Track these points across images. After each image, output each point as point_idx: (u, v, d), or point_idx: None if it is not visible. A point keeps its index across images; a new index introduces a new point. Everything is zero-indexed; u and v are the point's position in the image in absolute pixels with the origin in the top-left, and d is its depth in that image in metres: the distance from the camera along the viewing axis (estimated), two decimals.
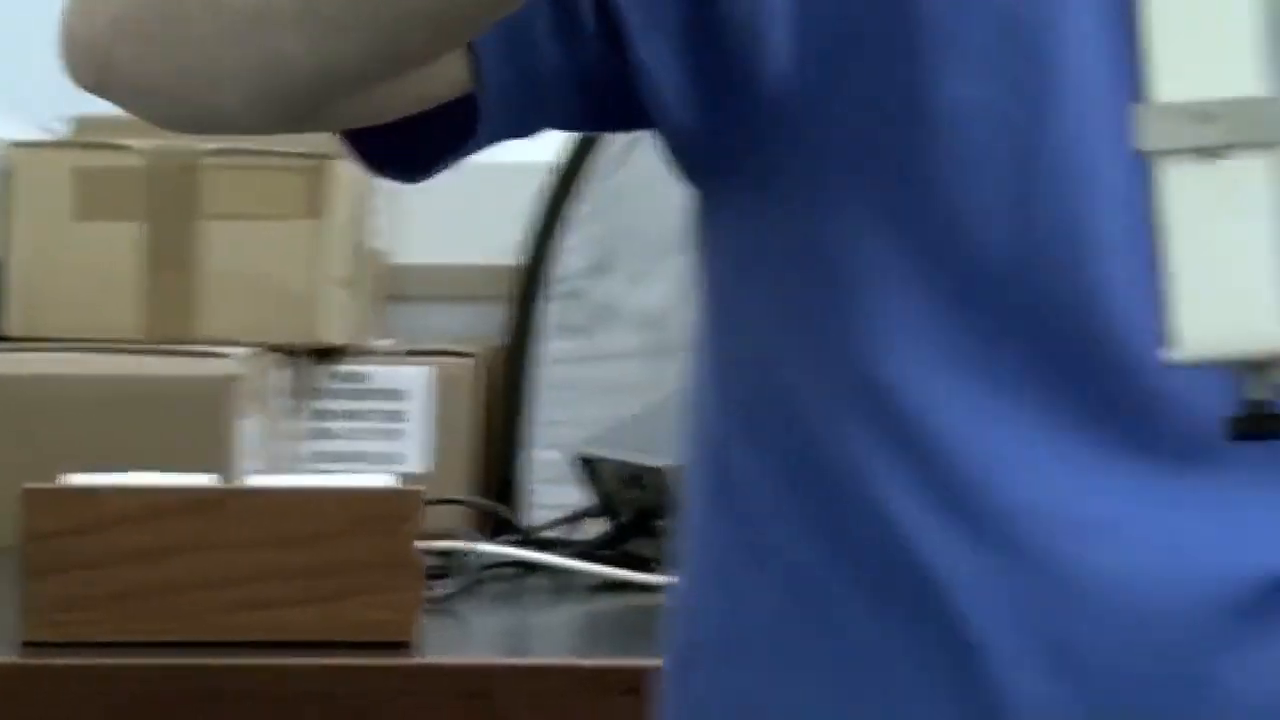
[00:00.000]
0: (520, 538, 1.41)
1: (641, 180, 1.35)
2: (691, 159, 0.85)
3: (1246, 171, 0.56)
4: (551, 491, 1.50)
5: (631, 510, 1.29)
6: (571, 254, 1.47)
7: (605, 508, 1.43)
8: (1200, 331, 0.56)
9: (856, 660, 0.81)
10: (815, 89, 0.79)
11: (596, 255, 1.48)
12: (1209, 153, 0.56)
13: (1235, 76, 0.57)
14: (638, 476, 1.33)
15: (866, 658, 0.81)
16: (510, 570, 1.36)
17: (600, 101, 0.79)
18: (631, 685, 0.95)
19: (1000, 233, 0.80)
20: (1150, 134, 0.56)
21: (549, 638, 1.34)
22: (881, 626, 0.80)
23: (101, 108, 0.77)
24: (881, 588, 0.80)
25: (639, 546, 1.26)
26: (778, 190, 0.83)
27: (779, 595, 0.83)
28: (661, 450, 1.19)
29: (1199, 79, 0.57)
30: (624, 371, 1.47)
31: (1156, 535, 0.77)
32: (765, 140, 0.81)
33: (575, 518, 1.43)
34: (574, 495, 1.44)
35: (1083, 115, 0.81)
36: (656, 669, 0.87)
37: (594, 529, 1.42)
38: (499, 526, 1.43)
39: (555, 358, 1.53)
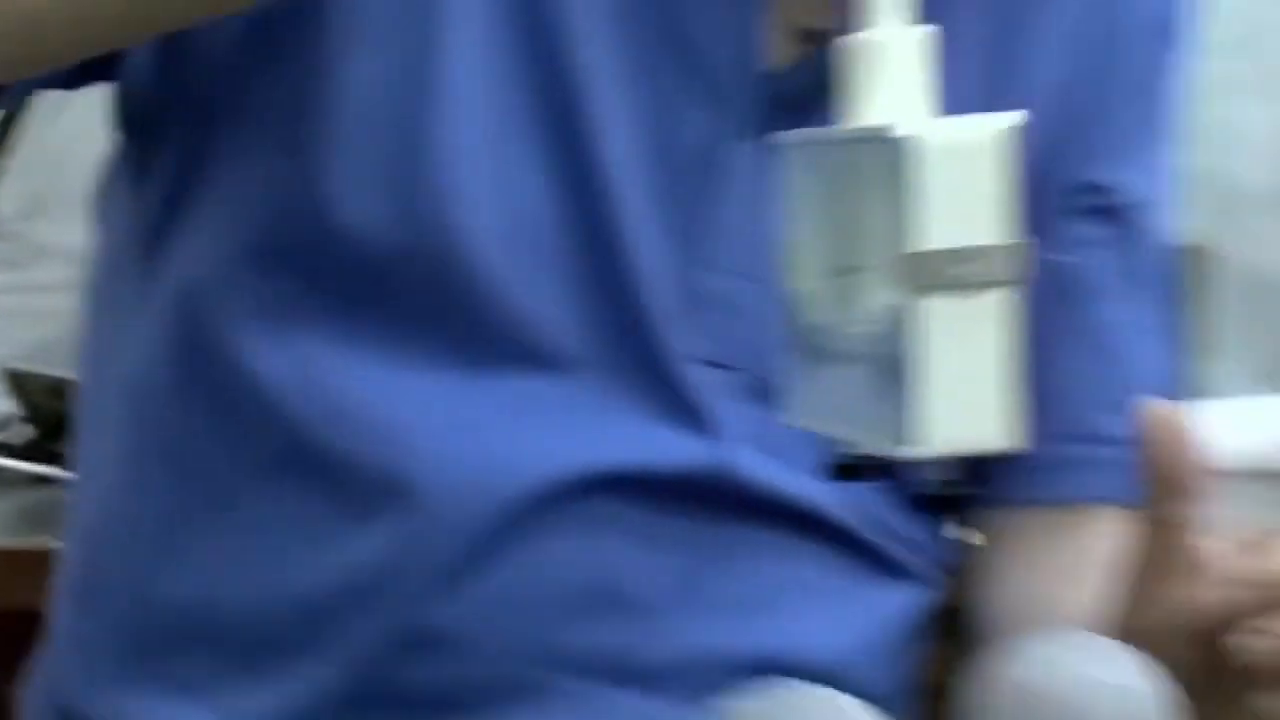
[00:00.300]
0: None
1: (69, 137, 1.51)
2: (139, 114, 0.90)
3: (985, 304, 0.63)
4: None
5: (55, 416, 1.44)
6: (6, 200, 1.64)
7: (33, 415, 1.60)
8: (941, 430, 0.63)
9: (248, 530, 0.89)
10: (252, 62, 0.85)
11: (30, 201, 1.66)
12: (958, 289, 0.63)
13: (981, 229, 0.63)
14: (59, 388, 1.46)
15: (257, 527, 0.89)
16: None
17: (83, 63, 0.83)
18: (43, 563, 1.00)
19: (379, 206, 0.86)
20: (912, 274, 0.62)
21: None
22: (271, 501, 0.88)
23: None
24: (264, 467, 0.88)
25: (61, 447, 1.36)
26: (206, 150, 0.89)
27: (173, 480, 0.91)
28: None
29: (953, 230, 0.63)
30: (53, 301, 1.65)
31: (463, 437, 0.86)
32: (203, 104, 0.87)
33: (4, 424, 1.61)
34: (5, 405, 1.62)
35: (461, 98, 0.87)
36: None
37: (23, 433, 1.58)
38: None
39: None
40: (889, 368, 0.64)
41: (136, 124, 0.92)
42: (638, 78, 0.88)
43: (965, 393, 0.63)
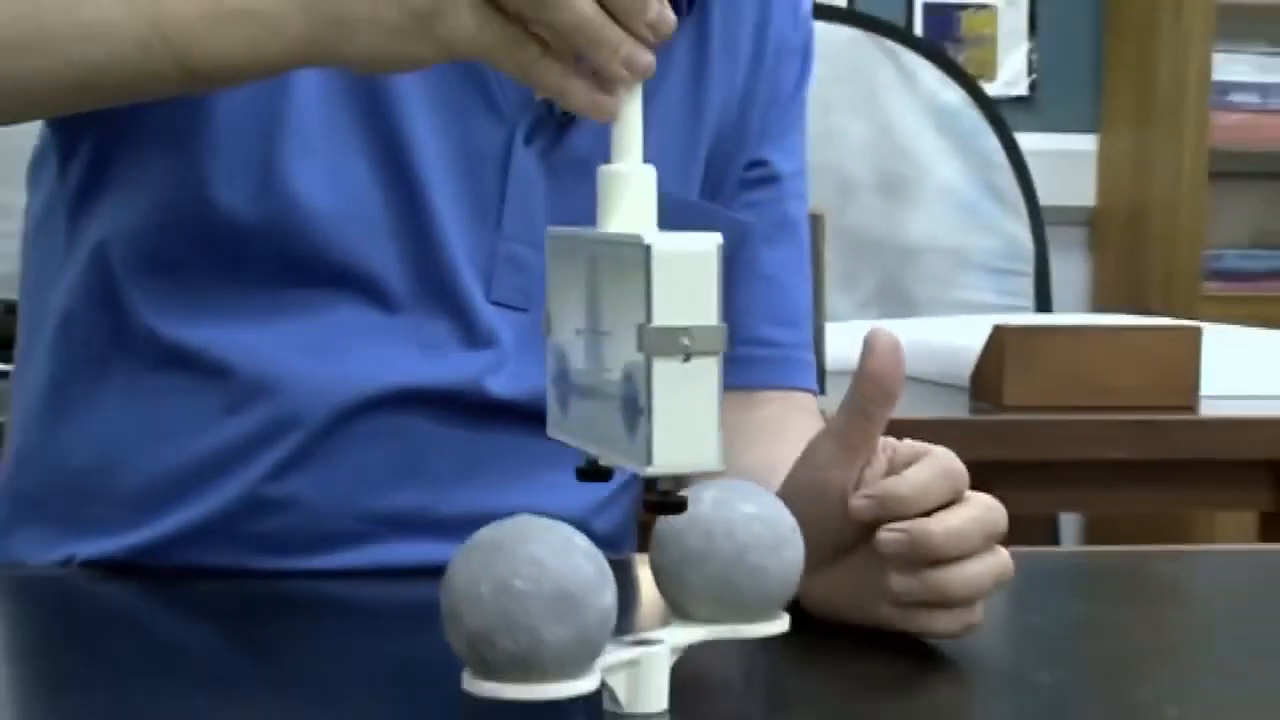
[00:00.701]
0: None
1: None
2: (63, 119, 1.04)
3: (700, 366, 0.73)
4: None
5: (7, 329, 1.45)
6: None
7: None
8: (667, 456, 0.73)
9: (147, 415, 1.05)
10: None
11: None
12: (684, 356, 0.73)
13: (699, 311, 0.73)
14: (11, 307, 1.57)
15: (154, 413, 1.04)
16: None
17: None
18: None
19: (245, 191, 1.01)
20: (650, 342, 0.72)
21: None
22: (165, 394, 1.03)
23: None
24: (161, 373, 1.03)
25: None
26: (115, 148, 1.04)
27: (88, 381, 1.07)
28: None
29: (678, 312, 0.73)
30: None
31: (313, 357, 1.02)
32: (114, 117, 0.99)
33: None
34: None
35: (304, 114, 1.02)
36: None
37: None
38: None
39: None
40: (630, 408, 0.75)
41: (60, 124, 1.07)
42: (441, 98, 1.04)
43: (685, 430, 0.73)
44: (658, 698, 0.78)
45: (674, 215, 0.80)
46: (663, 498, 0.76)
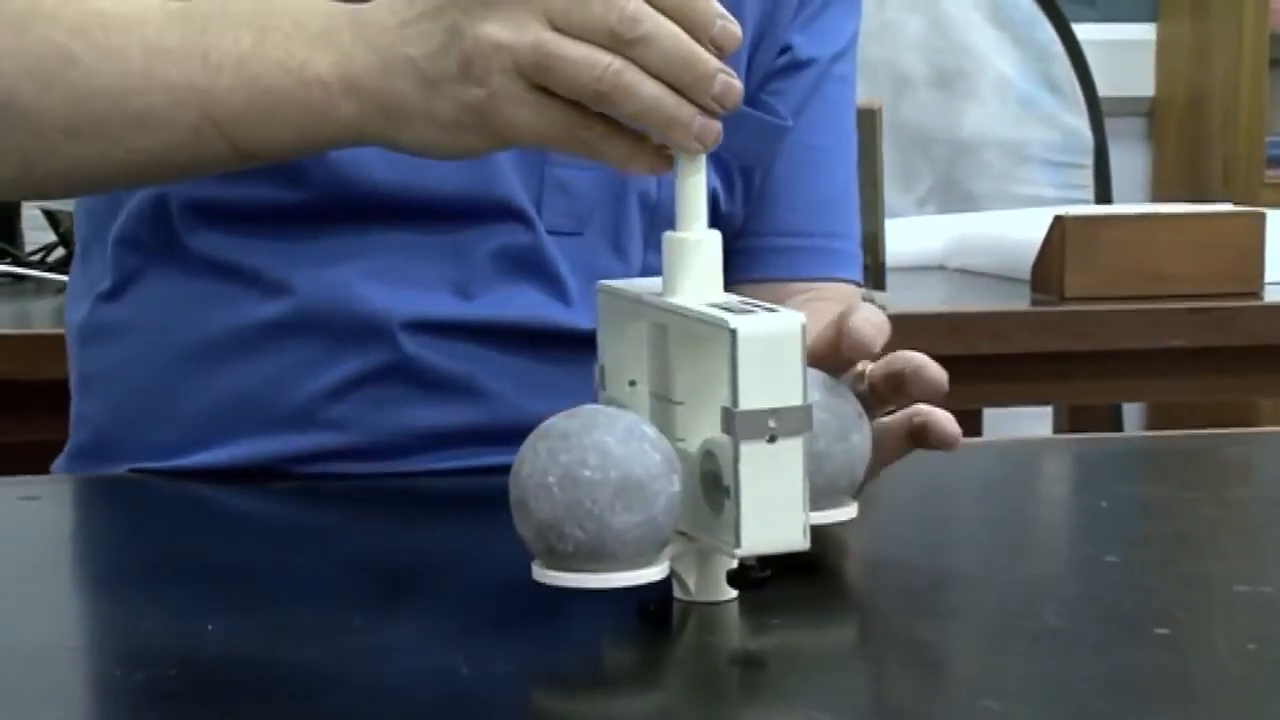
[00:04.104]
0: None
1: None
2: None
3: (789, 448, 0.73)
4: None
5: None
6: None
7: (63, 241, 1.93)
8: (754, 539, 0.73)
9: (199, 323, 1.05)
10: None
11: None
12: (770, 438, 0.72)
13: (785, 392, 0.73)
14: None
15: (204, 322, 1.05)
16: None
17: None
18: None
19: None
20: (737, 426, 0.72)
21: None
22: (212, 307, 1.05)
23: None
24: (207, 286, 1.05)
25: None
26: None
27: (141, 296, 1.07)
28: None
29: (765, 395, 0.72)
30: None
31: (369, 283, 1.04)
32: None
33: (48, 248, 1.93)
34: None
35: None
36: None
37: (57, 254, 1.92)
38: None
39: None
40: (713, 485, 0.75)
41: None
42: None
43: (772, 511, 0.73)
44: (725, 586, 0.78)
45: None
46: (745, 573, 0.77)
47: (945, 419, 0.85)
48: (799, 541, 0.74)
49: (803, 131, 1.16)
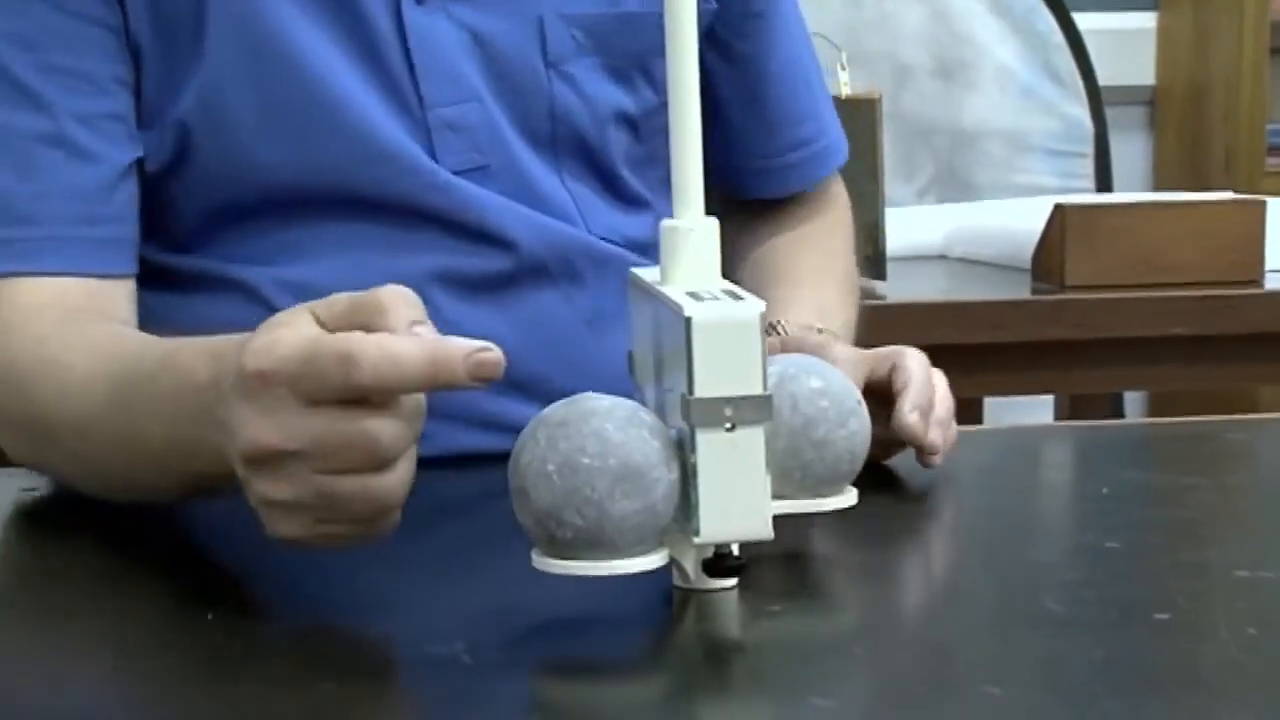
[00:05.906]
0: None
1: None
2: None
3: (748, 437, 0.72)
4: None
5: None
6: None
7: None
8: (713, 526, 0.73)
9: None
10: None
11: None
12: (729, 426, 0.72)
13: (743, 381, 0.72)
14: None
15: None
16: None
17: None
18: None
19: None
20: (694, 414, 0.72)
21: None
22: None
23: None
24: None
25: None
26: None
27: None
28: None
29: (722, 382, 0.72)
30: None
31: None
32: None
33: None
34: None
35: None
36: None
37: None
38: None
39: None
40: (686, 471, 0.74)
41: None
42: None
43: (733, 499, 0.73)
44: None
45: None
46: (718, 560, 0.76)
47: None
48: (763, 531, 0.74)
49: (780, 49, 1.22)
